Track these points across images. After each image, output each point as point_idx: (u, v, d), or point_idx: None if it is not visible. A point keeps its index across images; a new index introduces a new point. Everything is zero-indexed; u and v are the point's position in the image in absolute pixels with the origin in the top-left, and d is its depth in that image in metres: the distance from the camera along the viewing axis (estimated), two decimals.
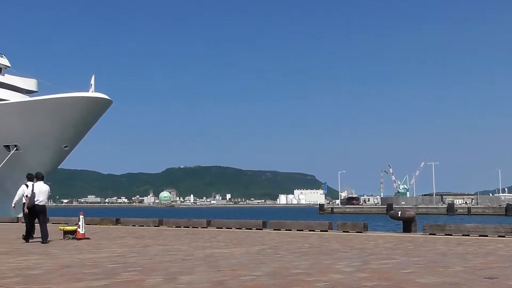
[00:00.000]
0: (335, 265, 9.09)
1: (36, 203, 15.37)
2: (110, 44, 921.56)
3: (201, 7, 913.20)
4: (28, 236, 15.57)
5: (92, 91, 38.53)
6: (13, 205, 16.24)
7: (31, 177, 15.86)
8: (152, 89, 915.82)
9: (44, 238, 15.00)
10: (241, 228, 21.65)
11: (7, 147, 40.69)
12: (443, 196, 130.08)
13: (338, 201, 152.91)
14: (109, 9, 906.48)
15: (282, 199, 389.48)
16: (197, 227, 22.74)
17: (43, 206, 15.52)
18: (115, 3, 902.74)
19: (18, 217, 31.60)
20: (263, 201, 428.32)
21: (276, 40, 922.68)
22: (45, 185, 15.88)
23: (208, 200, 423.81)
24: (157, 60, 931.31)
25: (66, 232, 16.36)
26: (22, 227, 20.42)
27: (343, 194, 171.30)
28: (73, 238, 16.00)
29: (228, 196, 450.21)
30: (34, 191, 15.41)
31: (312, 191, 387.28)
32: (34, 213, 15.46)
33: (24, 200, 15.60)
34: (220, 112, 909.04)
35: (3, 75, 54.89)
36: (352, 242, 14.65)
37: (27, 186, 15.58)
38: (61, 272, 8.42)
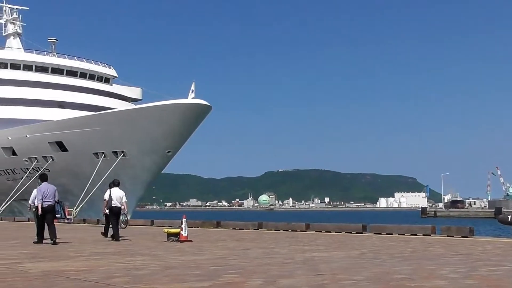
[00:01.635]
0: (439, 270, 8.76)
1: (112, 205, 17.84)
2: (208, 50, 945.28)
3: (299, 11, 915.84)
4: (106, 233, 18.12)
5: (193, 98, 39.62)
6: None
7: (116, 183, 18.69)
8: (250, 93, 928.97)
9: (115, 236, 17.53)
10: (340, 232, 21.40)
11: (115, 153, 42.73)
12: None
13: (441, 205, 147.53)
14: (203, 17, 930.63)
15: (382, 203, 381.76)
16: (296, 231, 22.72)
17: (118, 208, 17.98)
18: (208, 11, 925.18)
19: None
20: (363, 204, 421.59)
21: (374, 42, 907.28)
22: (121, 190, 18.37)
23: (306, 203, 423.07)
24: (253, 63, 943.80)
25: (169, 235, 16.89)
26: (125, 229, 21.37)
27: (447, 197, 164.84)
28: (176, 240, 16.48)
29: (327, 199, 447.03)
30: (111, 195, 17.95)
31: (414, 194, 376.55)
32: (111, 214, 17.87)
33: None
34: (318, 115, 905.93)
35: (111, 85, 57.88)
36: (457, 247, 14.07)
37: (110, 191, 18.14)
38: (165, 273, 8.71)
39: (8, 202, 44.05)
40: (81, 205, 39.60)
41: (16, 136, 45.94)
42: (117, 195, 18.11)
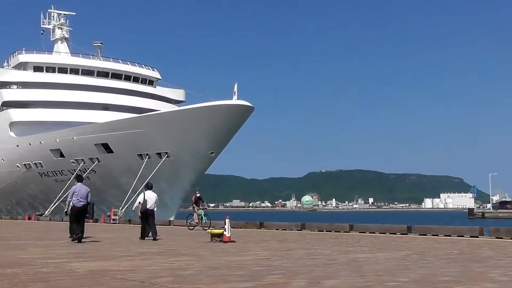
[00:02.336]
0: (488, 273, 8.54)
1: (147, 207, 18.49)
2: (251, 53, 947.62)
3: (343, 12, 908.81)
4: (143, 235, 18.22)
5: (236, 99, 39.76)
6: (133, 209, 19.65)
7: (150, 186, 19.37)
8: (293, 94, 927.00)
9: (154, 235, 17.96)
10: (384, 233, 21.12)
11: (159, 154, 43.25)
12: None
13: (489, 205, 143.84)
14: (245, 20, 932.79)
15: (428, 203, 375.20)
16: (340, 232, 22.55)
17: (152, 210, 18.58)
18: (251, 14, 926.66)
19: (169, 220, 33.50)
20: (407, 205, 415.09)
21: (421, 46, 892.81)
22: (154, 193, 19.05)
23: (350, 204, 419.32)
24: (295, 65, 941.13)
25: (213, 235, 16.98)
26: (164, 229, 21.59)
27: (495, 198, 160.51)
28: (219, 241, 16.57)
29: (371, 200, 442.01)
30: (145, 198, 18.60)
31: (460, 194, 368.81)
32: (146, 216, 18.46)
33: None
34: (360, 116, 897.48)
35: (155, 87, 58.68)
36: (507, 249, 13.70)
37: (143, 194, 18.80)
38: (209, 273, 8.76)
39: (57, 203, 45.09)
40: (126, 206, 40.24)
41: (64, 138, 47.02)
42: (151, 197, 18.82)
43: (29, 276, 8.42)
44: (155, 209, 18.96)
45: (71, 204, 16.59)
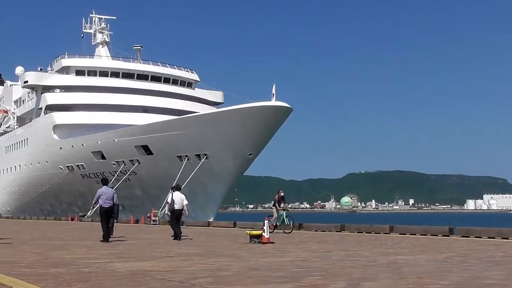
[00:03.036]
0: None
1: (175, 208, 19.12)
2: (289, 53, 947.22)
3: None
4: (176, 236, 18.70)
5: (274, 100, 39.74)
6: (166, 212, 20.53)
7: (177, 188, 20.06)
8: (331, 95, 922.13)
9: (178, 235, 18.61)
10: (425, 235, 20.80)
11: (198, 156, 43.56)
12: None
13: None
14: (286, 20, 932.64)
15: (470, 205, 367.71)
16: (379, 233, 22.32)
17: (180, 210, 19.27)
18: (289, 13, 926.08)
19: (208, 221, 33.70)
20: (449, 206, 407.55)
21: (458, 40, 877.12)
22: (181, 194, 19.65)
23: (390, 205, 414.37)
24: (333, 65, 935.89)
25: (252, 236, 17.02)
26: (213, 231, 21.75)
27: None
28: (258, 242, 16.60)
29: (411, 201, 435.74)
30: (173, 198, 19.28)
31: (504, 195, 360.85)
32: (174, 216, 19.19)
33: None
34: (400, 116, 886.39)
35: (194, 89, 59.16)
36: None
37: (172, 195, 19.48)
38: (248, 274, 8.79)
39: (99, 204, 45.89)
40: (166, 207, 40.62)
41: (105, 141, 47.79)
42: (178, 198, 19.38)
43: (72, 275, 8.61)
44: (184, 209, 19.55)
45: (98, 205, 17.70)
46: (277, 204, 23.68)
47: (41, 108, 55.50)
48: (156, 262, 10.84)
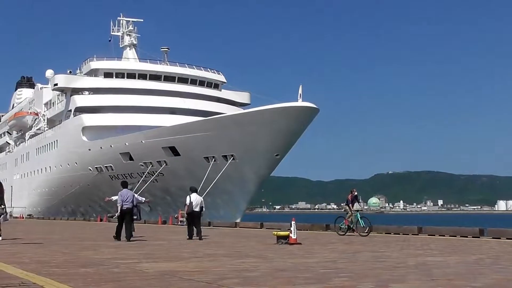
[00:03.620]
0: None
1: (194, 209, 19.81)
2: (315, 54, 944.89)
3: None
4: (191, 236, 19.51)
5: (301, 101, 39.68)
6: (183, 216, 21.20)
7: (194, 190, 20.56)
8: (358, 95, 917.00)
9: (199, 234, 19.38)
10: (455, 236, 20.52)
11: (225, 157, 43.72)
12: None
13: None
14: (309, 22, 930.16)
15: (501, 206, 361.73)
16: (408, 234, 22.09)
17: (198, 212, 19.92)
18: (312, 15, 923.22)
19: (236, 222, 33.78)
20: (479, 207, 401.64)
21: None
22: (199, 196, 20.64)
23: (418, 206, 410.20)
24: (361, 66, 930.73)
25: (279, 237, 16.98)
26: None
27: None
28: (285, 243, 16.57)
29: (440, 202, 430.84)
30: (191, 201, 19.90)
31: None
32: (192, 217, 19.88)
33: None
34: (428, 115, 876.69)
35: (220, 91, 59.42)
36: None
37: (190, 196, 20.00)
38: (276, 275, 8.77)
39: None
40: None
41: (133, 142, 48.26)
42: (196, 200, 20.13)
43: (101, 275, 8.70)
44: (203, 210, 20.35)
45: (120, 207, 18.52)
46: (350, 204, 21.84)
47: (70, 110, 56.33)
48: (184, 263, 10.90)
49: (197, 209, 19.97)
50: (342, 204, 23.97)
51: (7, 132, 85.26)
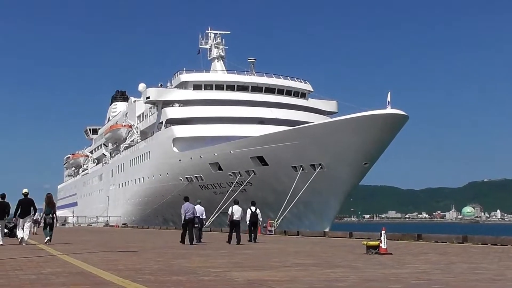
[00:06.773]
0: None
1: (234, 219, 22.82)
2: (403, 60, 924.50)
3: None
4: (230, 240, 22.49)
5: (389, 108, 38.90)
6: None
7: (236, 202, 24.01)
8: (449, 101, 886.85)
9: (238, 241, 21.98)
10: None
11: (313, 166, 43.52)
12: None
13: None
14: (398, 27, 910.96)
15: None
16: (507, 245, 21.03)
17: (238, 221, 22.92)
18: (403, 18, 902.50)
19: (324, 232, 33.45)
20: None
21: None
22: (240, 207, 23.35)
23: None
24: (451, 69, 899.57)
25: (369, 247, 16.69)
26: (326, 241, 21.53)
27: None
28: (376, 253, 16.26)
29: None
30: (232, 211, 22.95)
31: None
32: (233, 225, 22.91)
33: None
34: None
35: (307, 100, 59.40)
36: None
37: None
38: (366, 285, 8.63)
39: (216, 214, 47.11)
40: (281, 217, 40.94)
41: (222, 152, 49.11)
42: (237, 210, 23.08)
43: (192, 283, 8.90)
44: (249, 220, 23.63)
45: (183, 217, 22.24)
46: None
47: (161, 122, 58.22)
48: (273, 272, 10.94)
49: (238, 218, 22.87)
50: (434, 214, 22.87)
51: (103, 144, 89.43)
